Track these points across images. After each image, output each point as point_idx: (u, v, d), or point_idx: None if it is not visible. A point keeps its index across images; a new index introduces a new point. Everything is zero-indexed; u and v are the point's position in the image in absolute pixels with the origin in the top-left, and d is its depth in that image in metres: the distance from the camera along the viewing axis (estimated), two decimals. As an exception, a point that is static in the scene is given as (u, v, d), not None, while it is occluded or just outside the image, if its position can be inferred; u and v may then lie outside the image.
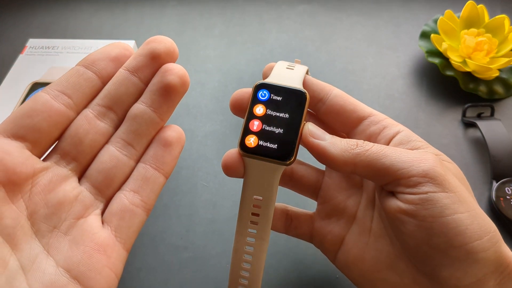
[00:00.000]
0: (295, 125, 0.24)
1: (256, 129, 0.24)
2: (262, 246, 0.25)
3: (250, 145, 0.23)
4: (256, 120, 0.24)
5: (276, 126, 0.24)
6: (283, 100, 0.24)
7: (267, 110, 0.24)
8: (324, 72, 0.48)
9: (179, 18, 0.56)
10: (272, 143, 0.23)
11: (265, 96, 0.24)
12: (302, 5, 0.56)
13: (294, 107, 0.24)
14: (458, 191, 0.22)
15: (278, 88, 0.24)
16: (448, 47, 0.43)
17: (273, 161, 0.23)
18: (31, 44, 0.40)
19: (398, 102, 0.45)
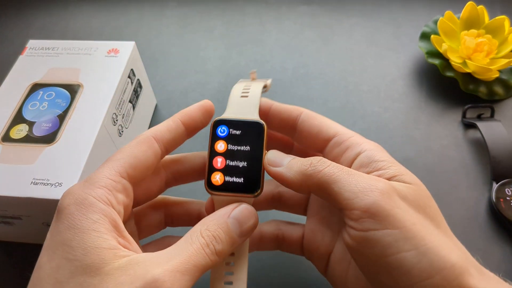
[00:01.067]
0: (257, 156, 0.24)
1: (220, 166, 0.24)
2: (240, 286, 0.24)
3: (217, 182, 0.24)
4: (219, 156, 0.24)
5: (239, 160, 0.24)
6: (242, 133, 0.24)
7: (228, 145, 0.24)
8: (324, 73, 0.48)
9: (179, 20, 0.56)
10: (238, 178, 0.24)
11: (224, 132, 0.25)
12: (302, 6, 0.56)
13: (253, 139, 0.24)
14: (406, 226, 0.20)
15: (235, 123, 0.25)
16: (448, 48, 0.43)
17: (242, 195, 0.24)
18: (31, 45, 0.40)
19: (398, 103, 0.45)
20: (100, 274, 0.19)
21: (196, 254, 0.21)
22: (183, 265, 0.20)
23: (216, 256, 0.21)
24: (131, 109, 0.40)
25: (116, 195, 0.21)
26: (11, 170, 0.31)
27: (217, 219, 0.22)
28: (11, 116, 0.35)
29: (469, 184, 0.39)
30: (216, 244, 0.21)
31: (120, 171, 0.22)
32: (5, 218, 0.33)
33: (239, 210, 0.23)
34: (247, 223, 0.23)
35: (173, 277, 0.19)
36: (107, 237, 0.20)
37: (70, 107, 0.35)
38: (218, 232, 0.22)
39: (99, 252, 0.19)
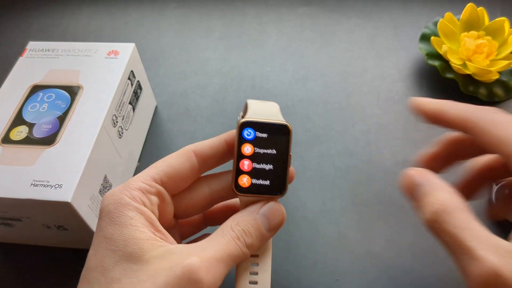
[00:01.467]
0: (283, 159, 0.25)
1: (247, 169, 0.25)
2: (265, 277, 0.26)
3: (244, 185, 0.24)
4: (246, 159, 0.25)
5: (265, 163, 0.25)
6: (268, 136, 0.25)
7: (255, 148, 0.25)
8: (324, 74, 0.48)
9: (178, 21, 0.56)
10: (264, 180, 0.25)
11: (251, 134, 0.25)
12: (302, 7, 0.56)
13: (279, 142, 0.25)
14: None
15: (262, 125, 0.25)
16: (448, 50, 0.43)
17: (268, 196, 0.25)
18: (31, 47, 0.40)
19: (398, 104, 0.45)
20: (140, 261, 0.21)
21: (228, 245, 0.22)
22: (218, 253, 0.22)
23: (247, 248, 0.23)
24: (131, 111, 0.40)
25: (149, 197, 0.24)
26: (11, 172, 0.31)
27: (247, 215, 0.24)
28: (11, 118, 0.35)
29: (469, 186, 0.39)
30: (246, 237, 0.23)
31: (155, 177, 0.24)
32: (5, 219, 0.33)
33: (268, 207, 0.24)
34: (275, 219, 0.25)
35: (209, 263, 0.21)
36: (143, 230, 0.22)
37: (70, 109, 0.35)
38: (247, 227, 0.23)
39: (138, 242, 0.21)
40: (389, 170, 0.40)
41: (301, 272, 0.34)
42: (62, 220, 0.32)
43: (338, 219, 0.37)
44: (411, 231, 0.36)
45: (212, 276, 0.21)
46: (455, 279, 0.33)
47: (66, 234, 0.34)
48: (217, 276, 0.21)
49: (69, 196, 0.30)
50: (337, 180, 0.40)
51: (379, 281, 0.34)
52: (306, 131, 0.43)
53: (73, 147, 0.32)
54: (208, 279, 0.21)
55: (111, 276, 0.21)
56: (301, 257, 0.35)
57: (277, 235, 0.36)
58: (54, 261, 0.36)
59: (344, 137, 0.43)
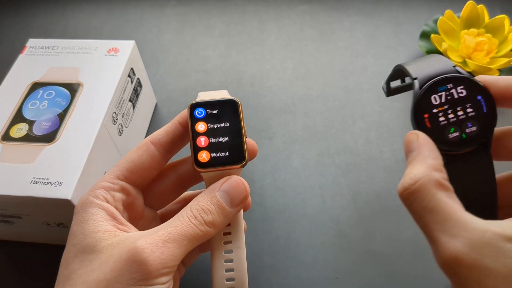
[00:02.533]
0: (237, 129, 0.25)
1: (204, 145, 0.25)
2: (239, 254, 0.26)
3: (204, 160, 0.25)
4: (202, 136, 0.25)
5: (221, 136, 0.25)
6: (219, 112, 0.26)
7: (208, 124, 0.25)
8: (324, 72, 0.48)
9: (178, 18, 0.56)
10: (223, 152, 0.25)
11: (202, 113, 0.26)
12: (302, 5, 0.56)
13: (231, 115, 0.26)
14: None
15: (211, 103, 0.26)
16: (448, 47, 0.43)
17: (230, 167, 0.25)
18: (31, 44, 0.40)
19: (398, 102, 0.45)
20: (95, 251, 0.22)
21: (182, 225, 0.22)
22: (167, 234, 0.22)
23: (207, 226, 0.23)
24: (131, 108, 0.40)
25: (113, 193, 0.25)
26: (11, 169, 0.31)
27: (207, 194, 0.24)
28: (11, 115, 0.35)
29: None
30: (205, 215, 0.23)
31: (118, 175, 0.25)
32: (5, 217, 0.33)
33: (228, 182, 0.24)
34: (236, 193, 0.24)
35: (154, 244, 0.21)
36: (103, 223, 0.23)
37: (70, 106, 0.35)
38: (207, 205, 0.23)
39: (95, 234, 0.22)
40: (389, 168, 0.40)
41: (301, 270, 0.34)
42: (62, 217, 0.32)
43: (338, 217, 0.37)
44: (411, 228, 0.36)
45: (158, 257, 0.21)
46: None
47: (66, 232, 0.34)
48: (167, 257, 0.21)
49: (69, 193, 0.30)
50: (337, 178, 0.40)
51: (379, 279, 0.34)
52: (306, 128, 0.43)
53: (73, 145, 0.32)
54: (153, 259, 0.21)
55: (71, 268, 0.22)
56: (301, 255, 0.35)
57: (277, 233, 0.37)
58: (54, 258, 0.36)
59: (344, 135, 0.43)
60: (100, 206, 0.24)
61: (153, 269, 0.21)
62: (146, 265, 0.21)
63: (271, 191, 0.39)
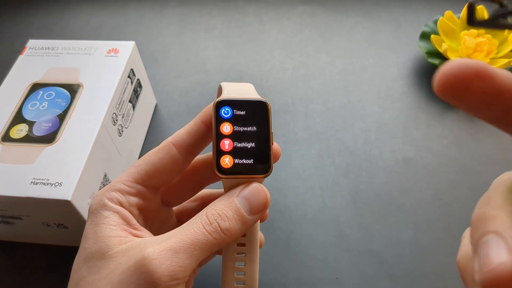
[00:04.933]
0: (264, 135, 0.23)
1: (228, 149, 0.23)
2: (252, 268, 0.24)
3: (227, 165, 0.23)
4: (226, 139, 0.23)
5: (247, 141, 0.23)
6: (247, 114, 0.24)
7: (234, 127, 0.23)
8: (324, 72, 0.48)
9: (179, 19, 0.56)
10: (248, 159, 0.23)
11: (228, 113, 0.24)
12: (302, 5, 0.56)
13: (259, 118, 0.24)
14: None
15: (239, 103, 0.24)
16: (448, 48, 0.43)
17: (253, 176, 0.23)
18: (31, 45, 0.40)
19: (398, 102, 0.45)
20: (104, 258, 0.21)
21: (194, 233, 0.21)
22: (177, 243, 0.20)
23: (222, 234, 0.21)
24: (131, 109, 0.40)
25: (129, 198, 0.24)
26: (11, 170, 0.31)
27: (226, 199, 0.22)
28: (11, 116, 0.35)
29: (469, 184, 0.39)
30: (222, 221, 0.21)
31: (136, 178, 0.24)
32: (5, 218, 0.33)
33: (248, 189, 0.23)
34: (256, 200, 0.23)
35: (163, 254, 0.20)
36: (115, 228, 0.22)
37: (70, 107, 0.35)
38: (224, 210, 0.22)
39: (106, 239, 0.22)
40: (389, 168, 0.40)
41: (301, 270, 0.34)
42: (62, 218, 0.32)
43: (338, 217, 0.37)
44: (411, 229, 0.36)
45: (166, 269, 0.20)
46: (455, 277, 0.34)
47: (66, 232, 0.34)
48: (175, 268, 0.20)
49: (69, 194, 0.30)
50: (337, 178, 0.40)
51: (379, 279, 0.34)
52: (306, 129, 0.43)
53: (73, 145, 0.32)
54: (161, 272, 0.20)
55: (80, 274, 0.21)
56: (301, 255, 0.35)
57: (277, 233, 0.37)
58: (54, 259, 0.36)
59: (344, 135, 0.43)
60: (114, 209, 0.23)
61: (161, 282, 0.20)
62: (153, 278, 0.20)
63: (271, 191, 0.39)
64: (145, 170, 0.24)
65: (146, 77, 0.44)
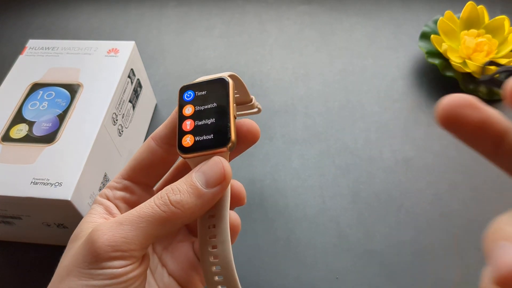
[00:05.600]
0: (224, 109, 0.23)
1: (189, 128, 0.23)
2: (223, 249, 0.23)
3: (188, 144, 0.23)
4: (188, 120, 0.24)
5: (207, 118, 0.23)
6: (207, 93, 0.24)
7: (195, 107, 0.24)
8: (324, 72, 0.48)
9: (178, 19, 0.56)
10: (207, 134, 0.23)
11: (190, 96, 0.24)
12: (302, 5, 0.56)
13: (219, 95, 0.24)
14: None
15: (200, 84, 0.24)
16: (448, 48, 0.43)
17: (214, 151, 0.23)
18: (31, 45, 0.40)
19: (398, 102, 0.45)
20: (77, 239, 0.23)
21: (143, 206, 0.21)
22: (124, 216, 0.21)
23: (172, 206, 0.21)
24: (131, 109, 0.40)
25: (115, 192, 0.25)
26: (11, 170, 0.31)
27: (185, 176, 0.22)
28: (11, 116, 0.35)
29: (469, 184, 0.39)
30: (172, 195, 0.21)
31: (123, 174, 0.26)
32: (5, 218, 0.33)
33: (207, 162, 0.23)
34: (212, 172, 0.22)
35: (108, 226, 0.21)
36: (95, 217, 0.24)
37: (70, 107, 0.35)
38: (178, 185, 0.22)
39: (82, 224, 0.23)
40: (389, 168, 0.40)
41: (301, 270, 0.34)
42: (62, 218, 0.32)
43: (338, 218, 0.37)
44: (411, 229, 0.36)
45: (107, 238, 0.20)
46: (454, 277, 0.34)
47: (66, 232, 0.34)
48: (117, 239, 0.20)
49: (69, 194, 0.30)
50: (337, 178, 0.40)
51: (379, 279, 0.34)
52: (306, 129, 0.43)
53: (73, 145, 0.32)
54: (102, 240, 0.20)
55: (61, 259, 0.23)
56: (301, 255, 0.35)
57: (277, 233, 0.37)
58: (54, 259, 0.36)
59: (344, 135, 0.43)
60: (99, 202, 0.25)
61: (101, 251, 0.20)
62: (95, 247, 0.20)
63: (271, 191, 0.39)
64: (129, 165, 0.25)
65: (146, 77, 0.44)
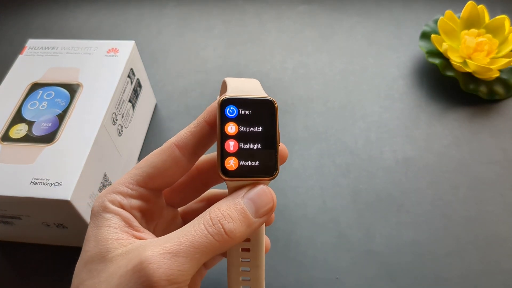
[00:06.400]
0: (271, 136, 0.22)
1: (233, 150, 0.22)
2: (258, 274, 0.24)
3: (231, 167, 0.22)
4: (231, 140, 0.22)
5: (252, 142, 0.22)
6: (253, 113, 0.22)
7: (240, 127, 0.22)
8: (324, 72, 0.48)
9: (178, 19, 0.55)
10: (253, 161, 0.22)
11: (233, 112, 0.22)
12: (302, 5, 0.56)
13: (266, 118, 0.23)
14: None
15: (244, 101, 0.23)
16: (448, 48, 0.43)
17: (259, 179, 0.22)
18: (31, 45, 0.40)
19: (399, 102, 0.45)
20: (104, 261, 0.20)
21: (196, 235, 0.20)
22: (177, 246, 0.20)
23: (226, 235, 0.20)
24: (131, 109, 0.40)
25: (130, 200, 0.23)
26: (10, 170, 0.31)
27: (231, 200, 0.22)
28: (11, 116, 0.34)
29: (469, 184, 0.39)
30: (225, 222, 0.21)
31: (138, 180, 0.23)
32: (5, 218, 0.33)
33: (254, 190, 0.22)
34: (263, 202, 0.22)
35: (162, 258, 0.19)
36: (116, 231, 0.22)
37: (69, 107, 0.35)
38: (229, 211, 0.21)
39: (106, 242, 0.21)
40: (390, 168, 0.40)
41: (301, 271, 0.34)
42: (62, 218, 0.32)
43: (338, 218, 0.37)
44: (411, 229, 0.36)
45: (163, 273, 0.19)
46: (455, 277, 0.33)
47: (66, 232, 0.34)
48: (174, 272, 0.19)
49: (69, 194, 0.30)
50: (337, 178, 0.40)
51: (379, 280, 0.34)
52: (306, 129, 0.43)
53: (72, 145, 0.32)
54: (159, 275, 0.19)
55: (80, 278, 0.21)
56: (301, 256, 0.35)
57: (277, 233, 0.37)
58: (54, 259, 0.36)
59: (344, 135, 0.43)
60: (115, 212, 0.23)
61: (159, 286, 0.19)
62: (151, 282, 0.19)
63: (271, 191, 0.39)
64: (147, 173, 0.23)
65: (146, 77, 0.44)
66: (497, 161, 0.40)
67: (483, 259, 0.34)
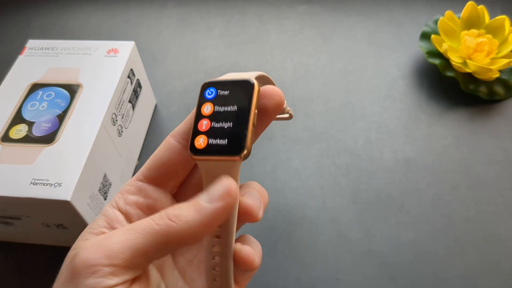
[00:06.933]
0: (244, 116, 0.22)
1: (205, 129, 0.22)
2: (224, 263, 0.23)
3: (200, 146, 0.22)
4: (205, 119, 0.22)
5: (224, 121, 0.22)
6: (230, 94, 0.22)
7: (215, 107, 0.22)
8: (324, 72, 0.48)
9: (178, 19, 0.55)
10: (222, 139, 0.22)
11: (212, 93, 0.23)
12: (302, 5, 0.56)
13: (242, 98, 0.22)
14: None
15: (224, 83, 0.23)
16: (448, 48, 0.43)
17: (226, 157, 0.21)
18: (31, 45, 0.40)
19: (399, 102, 0.45)
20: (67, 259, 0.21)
21: (140, 220, 0.20)
22: (116, 230, 0.20)
23: (168, 220, 0.20)
24: (131, 109, 0.40)
25: (126, 197, 0.23)
26: (10, 170, 0.31)
27: None
28: (11, 116, 0.35)
29: (469, 184, 0.39)
30: (172, 209, 0.20)
31: (137, 175, 0.24)
32: (5, 218, 0.33)
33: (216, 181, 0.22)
34: (215, 186, 0.21)
35: (92, 243, 0.20)
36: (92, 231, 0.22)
37: (69, 107, 0.35)
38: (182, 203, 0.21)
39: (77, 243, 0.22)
40: (389, 168, 0.40)
41: (301, 271, 0.34)
42: (62, 218, 0.32)
43: (338, 218, 0.37)
44: (411, 229, 0.36)
45: (88, 252, 0.19)
46: (455, 277, 0.33)
47: (66, 233, 0.34)
48: (99, 252, 0.19)
49: (69, 194, 0.30)
50: (337, 179, 0.40)
51: (379, 280, 0.34)
52: (306, 129, 0.43)
53: (72, 146, 0.32)
54: (84, 255, 0.19)
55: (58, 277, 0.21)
56: (301, 256, 0.35)
57: (277, 234, 0.37)
58: (54, 259, 0.36)
59: (344, 135, 0.43)
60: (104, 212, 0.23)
61: (80, 266, 0.19)
62: (75, 259, 0.19)
63: (271, 192, 0.39)
64: (146, 166, 0.24)
65: (145, 77, 0.44)
66: (497, 161, 0.40)
67: (483, 259, 0.34)
